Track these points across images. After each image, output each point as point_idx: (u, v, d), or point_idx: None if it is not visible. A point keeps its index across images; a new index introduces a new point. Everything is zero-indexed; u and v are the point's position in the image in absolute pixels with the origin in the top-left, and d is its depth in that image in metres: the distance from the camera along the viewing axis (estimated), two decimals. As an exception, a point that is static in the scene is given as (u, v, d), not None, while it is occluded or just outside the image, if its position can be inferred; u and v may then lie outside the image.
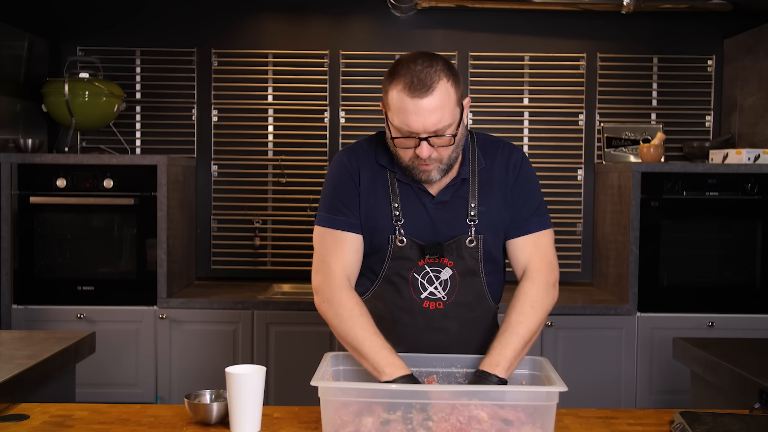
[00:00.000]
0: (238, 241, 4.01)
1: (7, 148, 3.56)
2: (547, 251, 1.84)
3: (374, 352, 1.67)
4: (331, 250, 1.80)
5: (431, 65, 1.64)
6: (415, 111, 1.63)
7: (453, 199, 1.81)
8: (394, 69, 1.68)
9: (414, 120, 1.64)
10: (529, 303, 1.76)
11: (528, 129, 4.01)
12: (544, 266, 1.82)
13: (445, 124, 1.65)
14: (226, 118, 4.01)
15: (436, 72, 1.64)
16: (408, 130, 1.66)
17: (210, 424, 1.66)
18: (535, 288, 1.78)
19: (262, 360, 3.43)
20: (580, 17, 3.97)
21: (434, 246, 1.78)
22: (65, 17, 3.97)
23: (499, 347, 1.69)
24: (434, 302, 1.82)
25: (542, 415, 1.52)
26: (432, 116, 1.63)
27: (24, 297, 3.47)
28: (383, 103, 1.73)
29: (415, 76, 1.63)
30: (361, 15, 4.00)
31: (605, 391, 3.45)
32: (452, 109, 1.66)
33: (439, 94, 1.63)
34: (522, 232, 1.84)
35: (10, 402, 1.80)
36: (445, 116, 1.65)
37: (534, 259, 1.82)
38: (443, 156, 1.71)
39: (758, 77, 3.69)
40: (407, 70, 1.64)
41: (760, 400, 1.82)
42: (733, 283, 3.48)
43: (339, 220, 1.81)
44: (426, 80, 1.62)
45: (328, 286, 1.77)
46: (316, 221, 1.84)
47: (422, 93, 1.62)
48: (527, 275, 1.81)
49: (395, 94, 1.65)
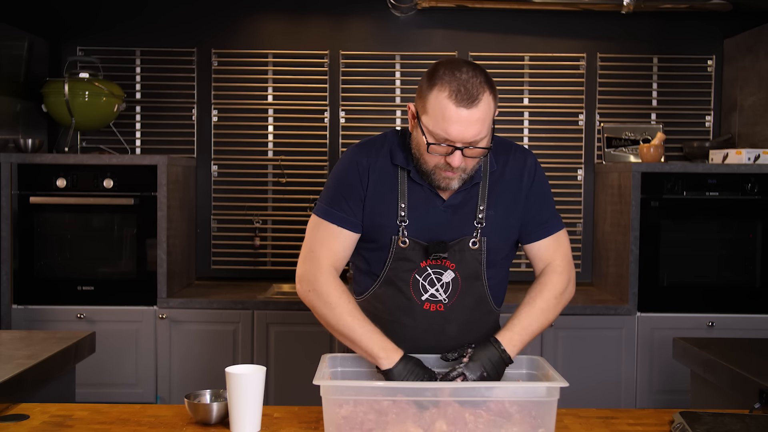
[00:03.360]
0: (238, 241, 4.01)
1: (7, 148, 3.56)
2: (568, 250, 1.90)
3: (366, 338, 1.71)
4: (322, 241, 1.81)
5: (476, 76, 1.63)
6: (457, 120, 1.62)
7: (463, 202, 1.81)
8: (434, 74, 1.66)
9: (455, 129, 1.63)
10: (554, 294, 1.82)
11: (528, 129, 4.01)
12: (568, 264, 1.88)
13: (482, 136, 1.65)
14: (226, 118, 4.01)
15: (482, 84, 1.63)
16: (445, 137, 1.64)
17: (210, 424, 1.66)
18: (561, 282, 1.84)
19: (262, 360, 3.43)
20: (580, 17, 3.97)
21: (438, 244, 1.78)
22: (65, 17, 3.97)
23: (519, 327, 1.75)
24: (435, 304, 1.82)
25: (543, 411, 1.52)
26: (473, 128, 1.63)
27: (24, 297, 3.47)
28: (416, 105, 1.71)
29: (462, 85, 1.61)
30: (361, 15, 4.00)
31: (605, 391, 3.45)
32: (490, 123, 1.67)
33: (483, 107, 1.63)
34: (544, 233, 1.87)
35: (10, 402, 1.80)
36: (484, 129, 1.65)
37: (558, 256, 1.87)
38: (469, 166, 1.71)
39: (758, 77, 3.69)
40: (452, 78, 1.62)
41: (760, 400, 1.82)
42: (733, 283, 3.48)
43: (336, 215, 1.81)
44: (473, 91, 1.61)
45: (314, 275, 1.78)
46: (314, 210, 1.85)
47: (468, 103, 1.61)
48: (554, 269, 1.85)
49: (438, 100, 1.63)
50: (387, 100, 3.98)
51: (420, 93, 1.69)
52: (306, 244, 1.84)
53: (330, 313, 1.75)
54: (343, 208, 1.81)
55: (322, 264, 1.79)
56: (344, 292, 1.77)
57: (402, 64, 3.98)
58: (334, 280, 1.78)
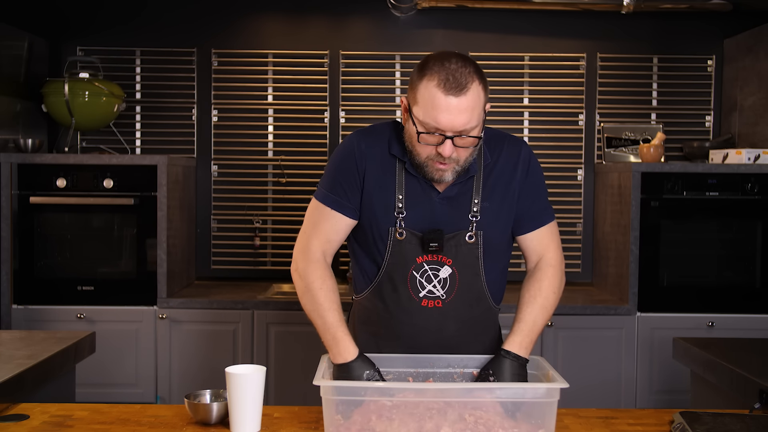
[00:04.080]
0: (238, 241, 4.01)
1: (7, 148, 3.56)
2: (559, 241, 1.93)
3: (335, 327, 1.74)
4: (316, 224, 1.86)
5: (465, 66, 1.65)
6: (446, 108, 1.63)
7: (459, 194, 1.81)
8: (424, 65, 1.68)
9: (444, 117, 1.64)
10: (553, 290, 1.84)
11: (528, 129, 4.01)
12: (560, 255, 1.90)
13: (472, 125, 1.66)
14: (226, 118, 4.01)
15: (470, 73, 1.64)
16: (435, 126, 1.66)
17: (210, 424, 1.66)
18: (557, 275, 1.86)
19: (262, 360, 3.43)
20: (580, 17, 3.97)
21: (434, 232, 1.78)
22: (65, 17, 3.97)
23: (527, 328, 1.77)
24: (433, 300, 1.82)
25: (543, 412, 1.52)
26: (462, 116, 1.64)
27: (24, 297, 3.47)
28: (408, 97, 1.73)
29: (450, 74, 1.63)
30: (361, 15, 4.00)
31: (605, 391, 3.45)
32: (480, 112, 1.67)
33: (472, 96, 1.64)
34: (538, 224, 1.88)
35: (10, 402, 1.80)
36: (474, 118, 1.65)
37: (551, 248, 1.89)
38: (461, 158, 1.71)
39: (758, 77, 3.69)
40: (441, 67, 1.64)
41: (760, 400, 1.82)
42: (733, 283, 3.48)
43: (332, 198, 1.84)
44: (461, 80, 1.63)
45: (304, 258, 1.83)
46: (315, 193, 1.90)
47: (456, 92, 1.62)
48: (548, 262, 1.87)
49: (427, 89, 1.65)
50: (387, 100, 3.98)
51: (411, 84, 1.71)
52: (303, 225, 1.89)
53: (309, 297, 1.79)
54: (339, 193, 1.83)
55: (311, 247, 1.83)
56: (327, 279, 1.80)
57: (402, 64, 3.98)
58: (321, 266, 1.82)
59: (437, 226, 1.80)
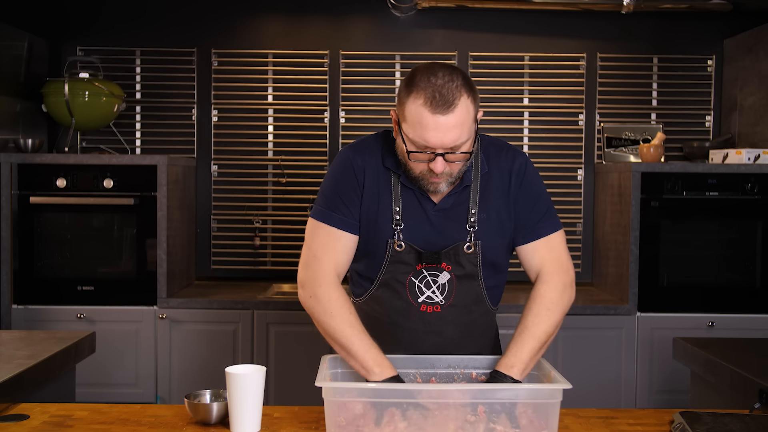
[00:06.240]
0: (238, 241, 4.01)
1: (7, 148, 3.56)
2: (560, 253, 1.83)
3: (363, 350, 1.67)
4: (324, 246, 1.78)
5: (452, 80, 1.60)
6: (435, 127, 1.60)
7: (455, 205, 1.79)
8: (411, 80, 1.64)
9: (433, 136, 1.61)
10: (545, 305, 1.75)
11: (528, 129, 4.01)
12: (558, 268, 1.80)
13: (462, 140, 1.63)
14: (226, 118, 4.01)
15: (458, 88, 1.60)
16: (424, 145, 1.63)
17: (210, 424, 1.66)
18: (551, 290, 1.77)
19: (262, 360, 3.43)
20: (580, 17, 3.97)
21: (432, 255, 1.77)
22: (65, 17, 3.97)
23: (515, 349, 1.69)
24: (431, 306, 1.82)
25: (546, 413, 1.51)
26: (451, 133, 1.60)
27: (24, 297, 3.47)
28: (397, 112, 1.69)
29: (436, 91, 1.59)
30: (361, 15, 4.00)
31: (605, 391, 3.45)
32: (470, 126, 1.64)
33: (460, 112, 1.60)
34: (533, 236, 1.82)
35: (10, 402, 1.80)
36: (464, 133, 1.62)
37: (547, 261, 1.80)
38: (454, 170, 1.69)
39: (758, 77, 3.69)
40: (427, 84, 1.60)
41: (760, 400, 1.82)
42: (733, 283, 3.48)
43: (335, 218, 1.79)
44: (448, 96, 1.59)
45: (317, 281, 1.76)
46: (312, 213, 1.82)
47: (443, 110, 1.58)
48: (542, 278, 1.79)
49: (414, 107, 1.61)
50: (387, 100, 3.98)
51: (399, 100, 1.67)
52: (306, 248, 1.81)
53: (330, 321, 1.72)
54: (341, 210, 1.79)
55: (323, 269, 1.77)
56: (346, 301, 1.75)
57: (402, 64, 3.98)
58: (336, 288, 1.76)
59: (435, 237, 1.78)
